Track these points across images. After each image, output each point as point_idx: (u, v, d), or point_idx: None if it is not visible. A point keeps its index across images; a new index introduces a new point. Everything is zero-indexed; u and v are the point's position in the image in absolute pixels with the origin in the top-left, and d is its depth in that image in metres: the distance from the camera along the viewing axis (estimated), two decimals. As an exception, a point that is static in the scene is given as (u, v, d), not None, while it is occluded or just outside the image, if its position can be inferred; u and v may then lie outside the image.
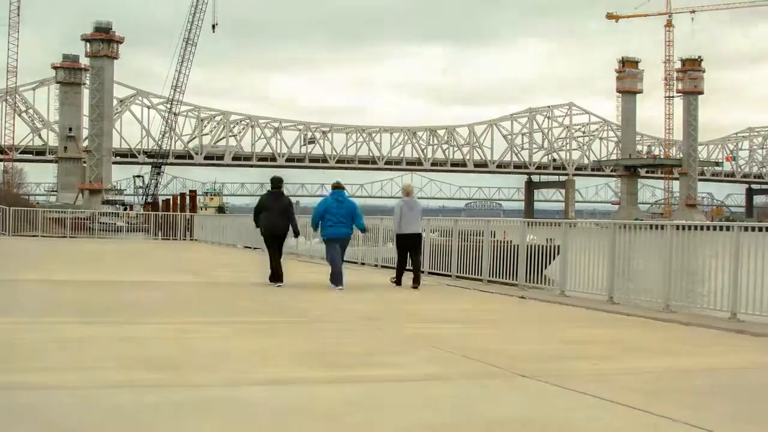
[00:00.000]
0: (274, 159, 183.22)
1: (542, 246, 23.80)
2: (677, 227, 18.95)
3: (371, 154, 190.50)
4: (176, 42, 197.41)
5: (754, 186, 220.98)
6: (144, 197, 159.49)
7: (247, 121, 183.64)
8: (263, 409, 8.07)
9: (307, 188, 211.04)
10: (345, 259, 23.17)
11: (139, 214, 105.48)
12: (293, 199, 25.44)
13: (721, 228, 18.22)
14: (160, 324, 14.54)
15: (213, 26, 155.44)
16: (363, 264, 32.06)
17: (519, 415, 8.14)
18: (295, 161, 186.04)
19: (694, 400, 9.01)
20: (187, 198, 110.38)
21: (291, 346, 12.10)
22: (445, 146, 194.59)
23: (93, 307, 16.75)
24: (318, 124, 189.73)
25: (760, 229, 17.33)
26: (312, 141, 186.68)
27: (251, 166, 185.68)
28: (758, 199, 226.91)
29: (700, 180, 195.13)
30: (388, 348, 12.35)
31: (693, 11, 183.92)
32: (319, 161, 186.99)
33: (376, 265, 31.36)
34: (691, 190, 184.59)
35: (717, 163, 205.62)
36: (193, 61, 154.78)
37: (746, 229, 17.24)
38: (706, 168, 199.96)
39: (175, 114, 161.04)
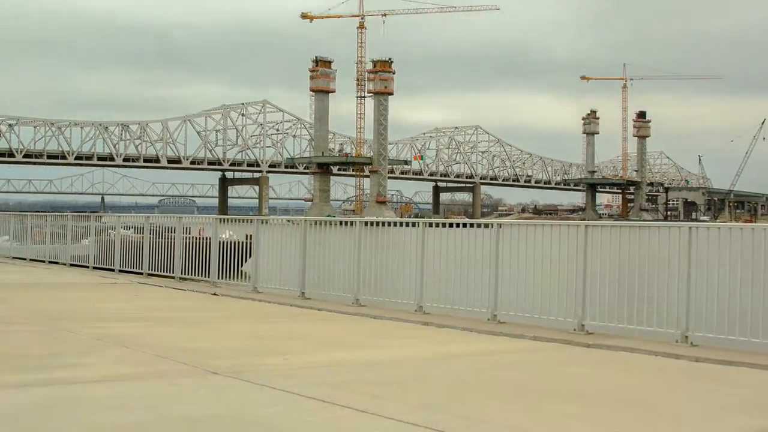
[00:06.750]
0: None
1: (239, 242, 23.80)
2: (366, 223, 19.54)
3: (61, 149, 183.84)
4: None
5: (440, 184, 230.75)
6: None
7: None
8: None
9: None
10: (32, 257, 22.38)
11: None
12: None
13: (408, 224, 18.88)
14: None
15: None
16: (54, 262, 30.85)
17: (210, 413, 8.17)
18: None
19: (379, 391, 9.34)
20: None
21: (-28, 350, 11.58)
22: (138, 141, 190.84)
23: None
24: (4, 116, 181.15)
25: (443, 225, 18.26)
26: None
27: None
28: (444, 196, 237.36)
29: (390, 178, 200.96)
30: (77, 348, 12.03)
31: (384, 14, 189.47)
32: (4, 155, 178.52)
33: (65, 264, 30.32)
34: (381, 187, 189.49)
35: (406, 162, 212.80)
36: None
37: (431, 225, 18.07)
38: (395, 166, 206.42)
39: None
